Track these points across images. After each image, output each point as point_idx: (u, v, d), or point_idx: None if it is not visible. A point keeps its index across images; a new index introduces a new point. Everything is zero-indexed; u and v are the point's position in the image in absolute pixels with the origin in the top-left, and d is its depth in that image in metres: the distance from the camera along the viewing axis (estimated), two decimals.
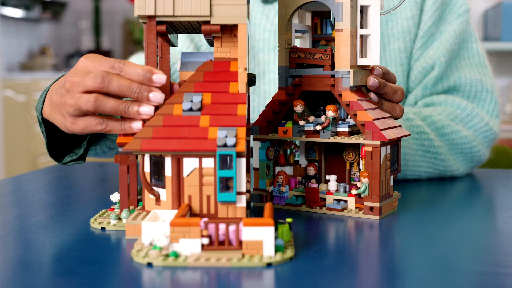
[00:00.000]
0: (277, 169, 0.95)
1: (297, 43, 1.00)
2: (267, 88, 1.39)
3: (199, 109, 0.73)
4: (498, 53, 2.78)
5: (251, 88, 1.43)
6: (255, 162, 0.93)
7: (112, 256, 0.68)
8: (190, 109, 0.73)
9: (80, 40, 6.75)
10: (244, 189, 0.71)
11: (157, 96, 0.77)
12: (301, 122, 0.89)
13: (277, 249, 0.65)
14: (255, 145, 0.93)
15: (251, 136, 0.93)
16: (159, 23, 0.78)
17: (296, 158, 0.97)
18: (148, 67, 0.77)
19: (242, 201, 0.71)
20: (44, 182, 1.20)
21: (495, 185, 1.19)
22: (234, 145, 0.68)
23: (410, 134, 0.90)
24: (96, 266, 0.63)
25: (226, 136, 0.69)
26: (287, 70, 0.92)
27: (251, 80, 0.85)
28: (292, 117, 0.92)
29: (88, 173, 1.29)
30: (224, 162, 0.69)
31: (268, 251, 0.64)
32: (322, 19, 0.97)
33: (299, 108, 0.89)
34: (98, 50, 6.42)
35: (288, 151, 0.96)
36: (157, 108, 0.78)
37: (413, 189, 1.09)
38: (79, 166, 1.31)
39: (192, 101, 0.73)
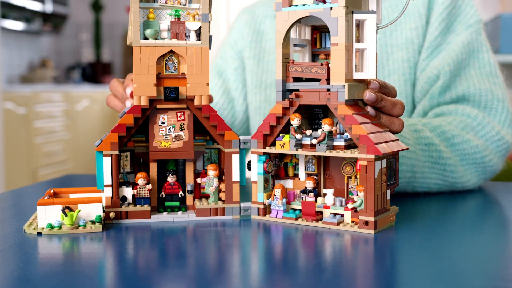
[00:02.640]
0: (276, 182, 0.96)
1: (296, 57, 1.01)
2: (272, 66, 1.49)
3: None
4: None
5: (263, 95, 1.49)
6: (253, 176, 0.94)
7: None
8: None
9: (80, 52, 6.78)
10: None
11: (128, 105, 1.04)
12: (298, 136, 0.90)
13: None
14: (254, 159, 0.94)
15: (250, 149, 0.94)
16: None
17: (295, 172, 0.98)
18: (130, 82, 1.05)
19: None
20: (42, 195, 1.20)
21: (507, 199, 1.18)
22: None
23: (407, 148, 0.90)
24: (96, 280, 0.64)
25: None
26: (285, 84, 0.92)
27: (166, 96, 0.91)
28: (289, 130, 0.92)
29: (87, 185, 1.30)
30: None
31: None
32: (321, 33, 0.99)
33: (296, 121, 0.90)
34: (98, 62, 6.45)
35: (288, 164, 0.97)
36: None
37: (417, 203, 1.09)
38: (81, 178, 1.32)
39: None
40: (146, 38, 0.92)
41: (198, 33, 0.93)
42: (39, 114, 4.76)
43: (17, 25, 5.44)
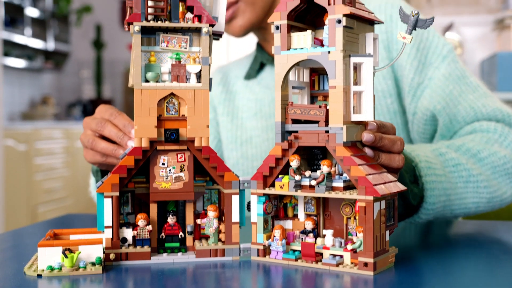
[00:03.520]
0: (276, 223, 0.96)
1: (295, 99, 1.03)
2: (255, 151, 1.47)
3: None
4: None
5: (239, 151, 1.51)
6: (252, 217, 0.95)
7: None
8: None
9: (81, 89, 6.83)
10: None
11: (131, 144, 1.01)
12: (297, 177, 0.91)
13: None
14: (253, 199, 0.94)
15: (250, 190, 0.95)
16: None
17: (295, 212, 0.98)
18: (132, 122, 1.00)
19: None
20: (43, 235, 1.21)
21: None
22: None
23: (406, 189, 0.91)
24: None
25: None
26: (284, 126, 0.94)
27: (167, 138, 0.92)
28: (289, 171, 0.93)
29: (87, 226, 1.30)
30: None
31: None
32: (320, 75, 1.00)
33: (295, 163, 0.91)
34: (99, 99, 6.49)
35: (288, 205, 0.97)
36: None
37: (417, 241, 1.09)
38: (81, 218, 1.32)
39: None
40: (147, 81, 0.93)
41: (199, 75, 0.95)
42: (40, 151, 4.78)
43: (19, 62, 5.50)
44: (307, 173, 0.92)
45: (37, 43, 5.79)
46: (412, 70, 1.35)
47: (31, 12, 5.66)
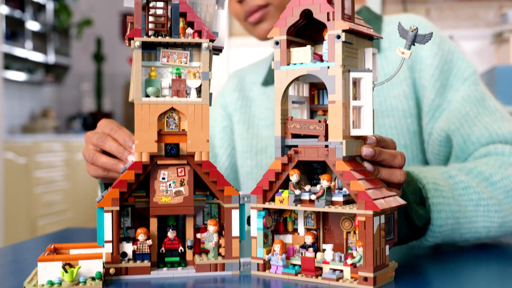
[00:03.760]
0: (276, 237, 0.96)
1: (295, 113, 1.03)
2: (270, 161, 1.47)
3: None
4: None
5: (254, 160, 1.51)
6: (252, 231, 0.95)
7: None
8: None
9: (81, 102, 6.85)
10: None
11: (131, 158, 1.02)
12: (297, 191, 0.91)
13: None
14: (253, 214, 0.95)
15: (250, 204, 0.95)
16: None
17: (295, 226, 0.98)
18: (132, 137, 1.01)
19: None
20: (43, 250, 1.21)
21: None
22: None
23: (405, 204, 0.91)
24: None
25: None
26: (284, 140, 0.94)
27: (167, 152, 0.93)
28: (288, 186, 0.93)
29: (87, 240, 1.30)
30: None
31: None
32: (319, 90, 1.01)
33: (295, 177, 0.91)
34: (99, 112, 6.50)
35: (288, 219, 0.98)
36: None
37: (417, 256, 1.09)
38: (81, 232, 1.32)
39: None
40: (147, 96, 0.94)
41: (199, 90, 0.96)
42: (40, 164, 4.78)
43: (20, 75, 5.51)
44: (307, 187, 0.92)
45: (37, 56, 5.81)
46: (433, 91, 1.36)
47: (32, 25, 5.69)
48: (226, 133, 1.63)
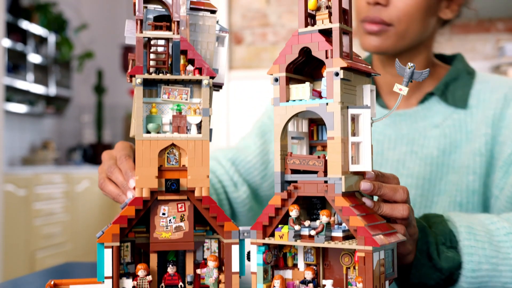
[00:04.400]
0: (276, 272, 0.96)
1: (294, 149, 1.04)
2: None
3: None
4: None
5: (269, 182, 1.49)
6: (252, 266, 0.95)
7: None
8: None
9: (82, 134, 6.87)
10: None
11: (130, 195, 1.01)
12: (297, 227, 0.91)
13: None
14: (253, 249, 0.95)
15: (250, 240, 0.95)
16: None
17: (294, 262, 0.98)
18: (130, 173, 1.03)
19: None
20: (42, 285, 1.20)
21: None
22: None
23: (405, 239, 0.91)
24: None
25: None
26: (283, 176, 0.95)
27: (168, 188, 0.93)
28: (288, 221, 0.94)
29: (86, 275, 1.30)
30: None
31: None
32: (318, 125, 1.02)
33: (294, 213, 0.92)
34: (99, 143, 6.52)
35: (287, 254, 0.98)
36: None
37: None
38: (80, 267, 1.32)
39: None
40: (148, 132, 0.95)
41: (199, 126, 0.97)
42: (39, 195, 4.78)
43: (21, 108, 5.54)
44: (307, 223, 0.93)
45: (38, 89, 5.85)
46: None
47: (34, 58, 5.74)
48: (262, 153, 1.61)
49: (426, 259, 1.08)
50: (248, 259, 0.96)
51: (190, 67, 0.96)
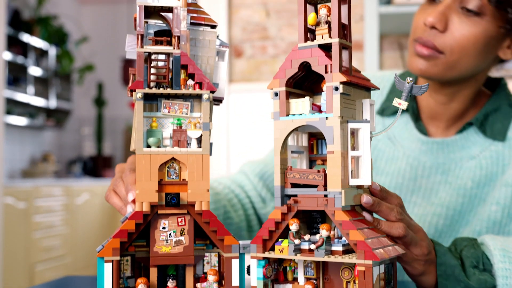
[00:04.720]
0: (276, 286, 0.96)
1: (294, 163, 1.04)
2: None
3: None
4: None
5: None
6: (252, 280, 0.95)
7: None
8: None
9: (82, 146, 6.87)
10: None
11: (130, 209, 1.00)
12: (297, 241, 0.92)
13: None
14: (253, 263, 0.95)
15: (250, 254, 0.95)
16: None
17: (294, 275, 0.98)
18: (131, 186, 1.01)
19: None
20: None
21: None
22: None
23: (404, 252, 0.92)
24: None
25: None
26: (283, 190, 0.95)
27: (168, 202, 0.94)
28: (288, 235, 0.94)
29: None
30: None
31: None
32: (318, 139, 1.02)
33: (294, 227, 0.92)
34: (99, 156, 6.52)
35: (287, 268, 0.98)
36: None
37: None
38: (80, 281, 1.31)
39: None
40: (149, 146, 0.95)
41: (199, 140, 0.97)
42: (39, 208, 4.77)
43: (21, 120, 5.55)
44: (307, 236, 0.93)
45: (39, 101, 5.86)
46: None
47: (34, 71, 5.75)
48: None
49: (455, 283, 1.07)
50: (248, 273, 0.96)
51: (190, 82, 0.97)
